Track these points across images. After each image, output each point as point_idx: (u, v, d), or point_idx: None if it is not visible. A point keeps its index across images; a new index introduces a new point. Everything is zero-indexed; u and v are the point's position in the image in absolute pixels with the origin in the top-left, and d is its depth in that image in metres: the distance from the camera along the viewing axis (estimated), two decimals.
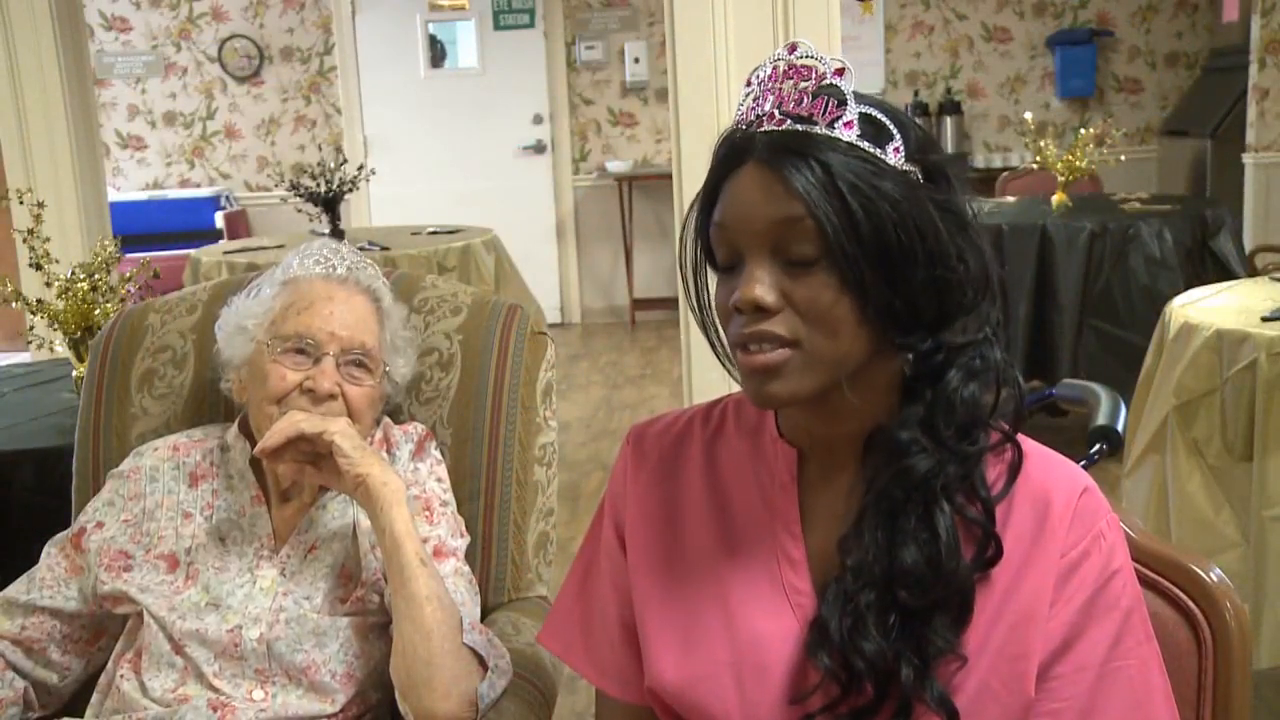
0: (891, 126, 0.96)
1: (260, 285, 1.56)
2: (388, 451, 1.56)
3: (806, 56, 0.96)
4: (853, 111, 0.95)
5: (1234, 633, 1.05)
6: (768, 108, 0.96)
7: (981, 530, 0.97)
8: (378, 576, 1.48)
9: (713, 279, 1.04)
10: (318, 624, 1.45)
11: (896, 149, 0.95)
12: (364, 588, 1.49)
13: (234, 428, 1.58)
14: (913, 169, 0.96)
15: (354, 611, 1.48)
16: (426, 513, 1.52)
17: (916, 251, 0.93)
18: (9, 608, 1.51)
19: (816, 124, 0.94)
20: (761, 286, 0.94)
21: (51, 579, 1.52)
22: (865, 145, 0.94)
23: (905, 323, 0.95)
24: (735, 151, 0.97)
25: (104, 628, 1.55)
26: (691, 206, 1.03)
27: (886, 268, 0.93)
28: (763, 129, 0.96)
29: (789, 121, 0.95)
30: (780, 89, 0.96)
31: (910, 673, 0.94)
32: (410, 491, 1.51)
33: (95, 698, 1.51)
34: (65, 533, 1.56)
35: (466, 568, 1.52)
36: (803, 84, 0.96)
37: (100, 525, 1.52)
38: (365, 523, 1.49)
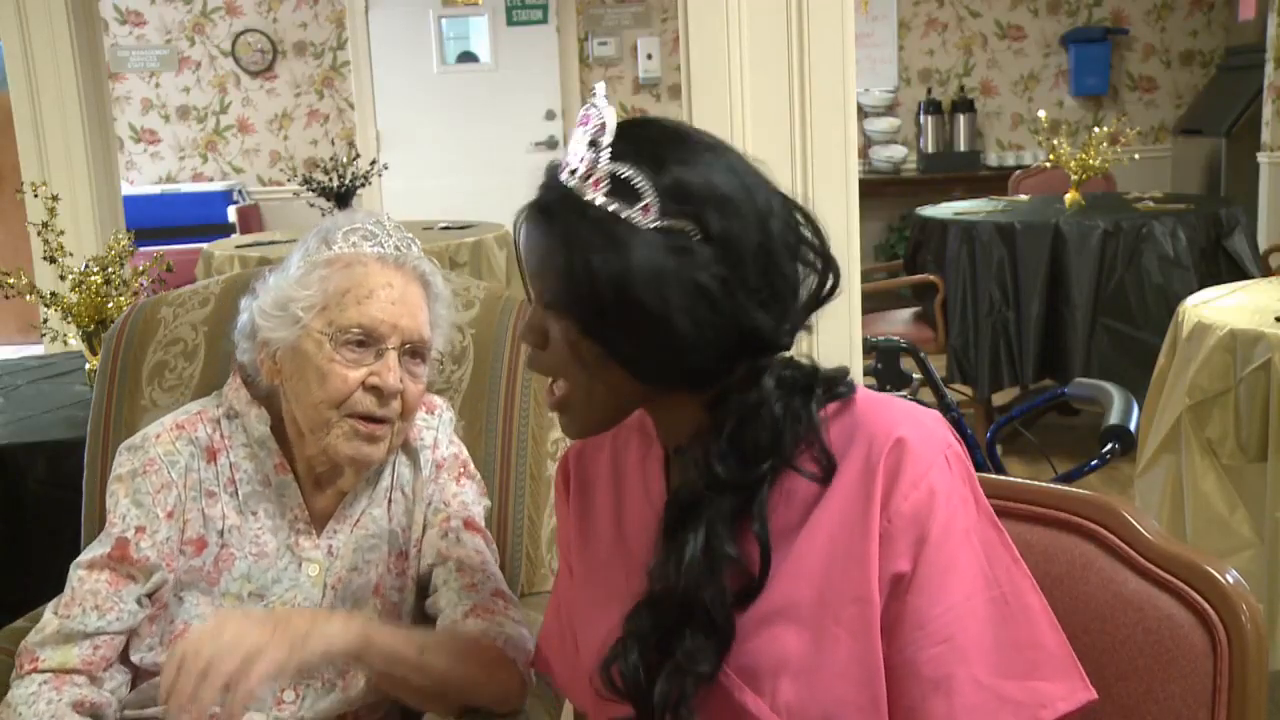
0: (644, 186, 0.97)
1: (298, 259, 1.44)
2: (429, 412, 1.53)
3: (591, 106, 1.01)
4: (602, 170, 0.98)
5: (1250, 635, 1.04)
6: (568, 155, 1.02)
7: (739, 567, 0.99)
8: (419, 540, 1.48)
9: None
10: None
11: (645, 208, 0.97)
12: (408, 559, 1.47)
13: (240, 393, 1.48)
14: (669, 222, 0.96)
15: (401, 586, 1.46)
16: (463, 469, 1.53)
17: (635, 314, 0.96)
18: (71, 637, 1.38)
19: (578, 177, 0.99)
20: (527, 326, 1.05)
21: (106, 600, 1.39)
22: (611, 206, 0.97)
23: (648, 373, 1.00)
24: (528, 203, 1.05)
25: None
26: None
27: (611, 323, 0.98)
28: (543, 182, 1.03)
29: (566, 173, 1.01)
30: (576, 136, 1.02)
31: (665, 692, 0.98)
32: (450, 450, 1.52)
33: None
34: (94, 553, 1.42)
35: (491, 539, 1.52)
36: (585, 135, 1.00)
37: (142, 530, 1.41)
38: (407, 474, 1.49)
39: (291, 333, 1.39)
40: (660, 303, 0.95)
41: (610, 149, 0.98)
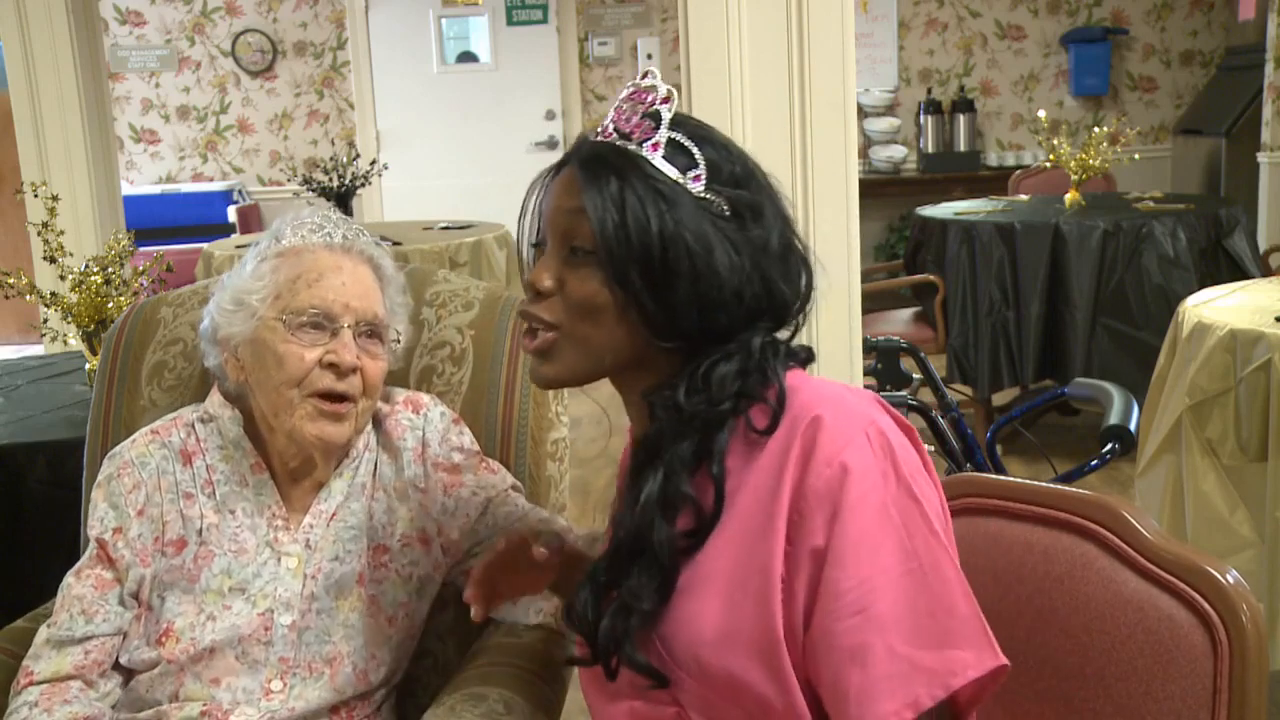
0: (698, 156, 1.06)
1: (251, 258, 1.48)
2: (414, 412, 1.55)
3: (649, 86, 1.10)
4: (662, 135, 1.07)
5: (1250, 635, 1.04)
6: (607, 122, 1.10)
7: (695, 506, 1.03)
8: (407, 535, 1.49)
9: None
10: (347, 618, 1.44)
11: (697, 176, 1.06)
12: (389, 553, 1.49)
13: (214, 396, 1.52)
14: (714, 198, 1.06)
15: (381, 579, 1.48)
16: (486, 464, 1.57)
17: (681, 268, 1.03)
18: (63, 645, 1.42)
19: (632, 141, 1.07)
20: (545, 272, 1.08)
21: (92, 605, 1.42)
22: (665, 167, 1.06)
23: (663, 327, 1.05)
24: (570, 154, 1.12)
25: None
26: (531, 190, 1.16)
27: (649, 275, 1.03)
28: (593, 139, 1.10)
29: (615, 136, 1.08)
30: (623, 108, 1.10)
31: (610, 628, 1.03)
32: (469, 456, 1.55)
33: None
34: (81, 561, 1.47)
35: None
36: (637, 106, 1.09)
37: (119, 530, 1.45)
38: (388, 472, 1.51)
39: (249, 325, 1.43)
40: (706, 258, 1.03)
41: (671, 121, 1.07)
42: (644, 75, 1.10)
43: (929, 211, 4.88)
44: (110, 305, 2.49)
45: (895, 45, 7.35)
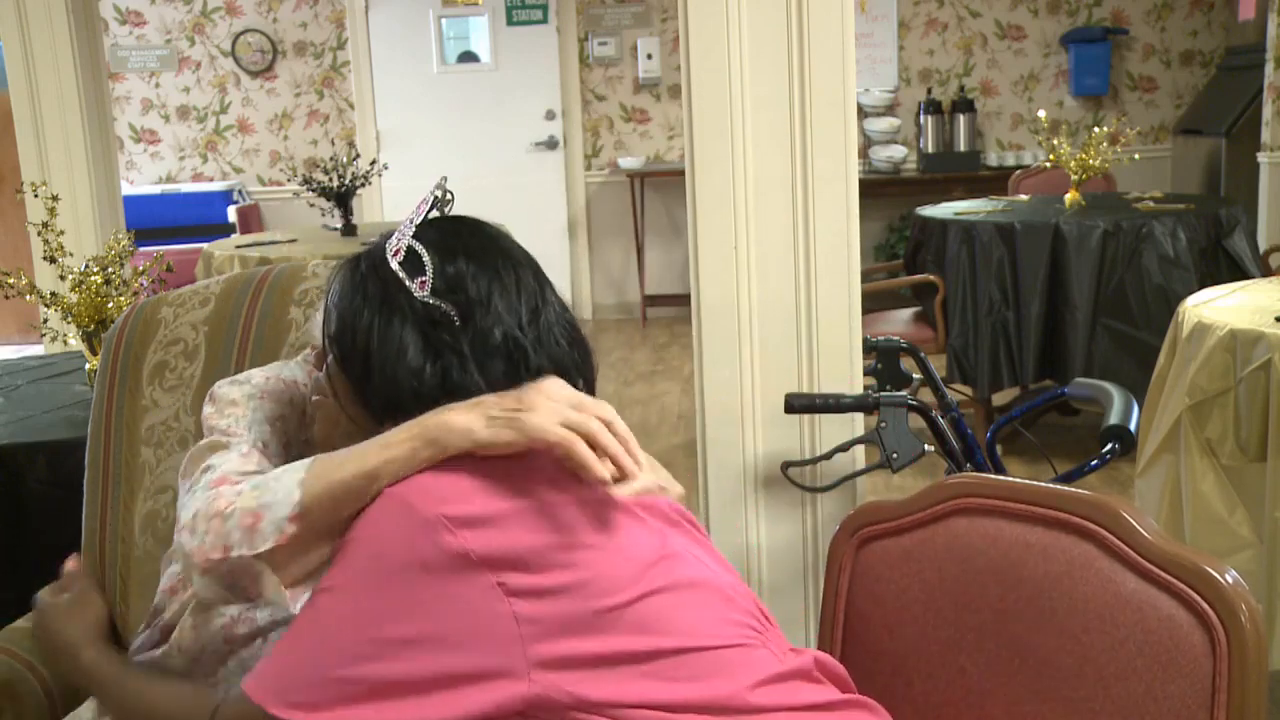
0: (428, 265, 1.15)
1: None
2: None
3: (432, 193, 1.23)
4: (404, 243, 1.17)
5: (1249, 635, 1.04)
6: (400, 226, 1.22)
7: None
8: None
9: None
10: None
11: (423, 283, 1.15)
12: None
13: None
14: (438, 302, 1.14)
15: None
16: None
17: (371, 362, 1.15)
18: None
19: (388, 247, 1.19)
20: (317, 354, 1.27)
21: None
22: (399, 271, 1.16)
23: (366, 407, 1.17)
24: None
25: None
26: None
27: (349, 364, 1.17)
28: (380, 240, 1.21)
29: (388, 240, 1.20)
30: (412, 214, 1.21)
31: None
32: None
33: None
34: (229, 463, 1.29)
35: None
36: (412, 214, 1.21)
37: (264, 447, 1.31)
38: None
39: None
40: (392, 356, 1.14)
41: (418, 229, 1.18)
42: (438, 184, 1.24)
43: (929, 211, 4.88)
44: (110, 305, 2.49)
45: (895, 45, 7.35)
